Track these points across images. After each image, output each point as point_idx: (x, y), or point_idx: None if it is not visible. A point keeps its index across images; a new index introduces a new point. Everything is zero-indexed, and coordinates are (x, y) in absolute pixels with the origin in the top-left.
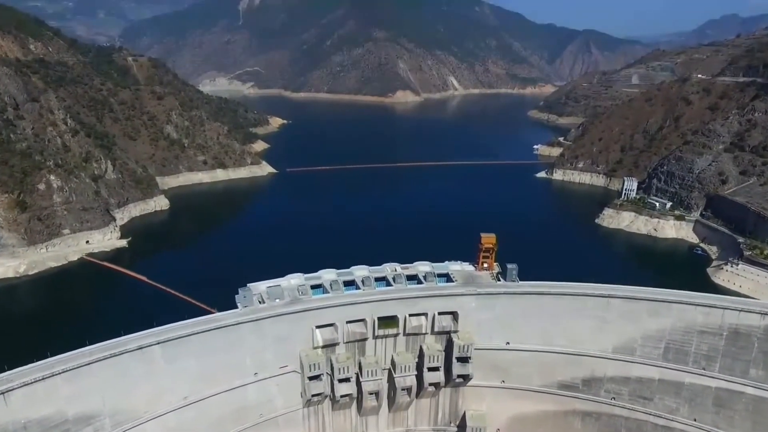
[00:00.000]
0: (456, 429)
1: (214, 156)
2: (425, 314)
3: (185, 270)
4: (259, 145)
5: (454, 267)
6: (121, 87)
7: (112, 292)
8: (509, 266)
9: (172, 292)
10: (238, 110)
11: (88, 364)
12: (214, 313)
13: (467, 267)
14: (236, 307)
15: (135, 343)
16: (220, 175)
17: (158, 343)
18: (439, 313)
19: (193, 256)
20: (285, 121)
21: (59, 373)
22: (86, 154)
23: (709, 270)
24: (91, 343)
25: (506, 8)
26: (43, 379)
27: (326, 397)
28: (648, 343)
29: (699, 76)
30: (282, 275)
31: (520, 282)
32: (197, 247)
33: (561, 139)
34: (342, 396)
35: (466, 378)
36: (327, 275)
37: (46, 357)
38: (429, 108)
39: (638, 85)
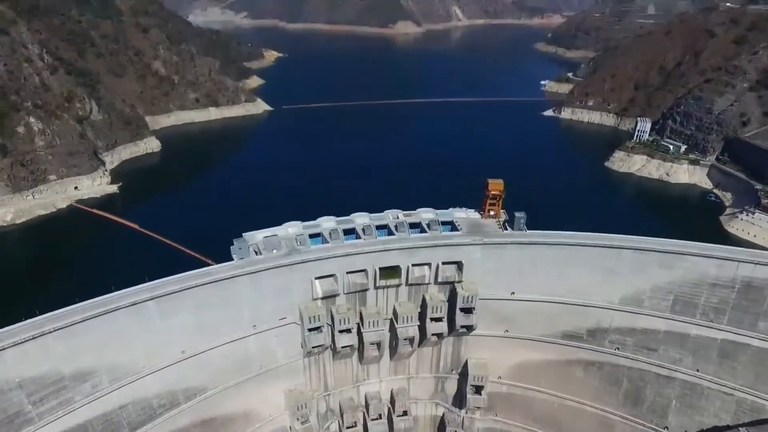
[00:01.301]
0: (458, 377)
1: (207, 93)
2: (428, 264)
3: (179, 216)
4: (254, 81)
5: (459, 214)
6: (101, 18)
7: (103, 241)
8: (517, 215)
9: (166, 241)
10: (231, 43)
11: (82, 321)
12: (209, 262)
13: (472, 214)
14: (231, 257)
15: (128, 299)
16: (213, 113)
17: (152, 299)
18: (443, 263)
19: (187, 201)
20: (280, 55)
21: (51, 332)
22: (68, 94)
23: (722, 218)
24: (82, 298)
25: None
26: (34, 338)
27: (327, 348)
28: (657, 294)
29: (728, 4)
30: (279, 221)
31: (528, 231)
32: (191, 191)
33: (570, 74)
34: (343, 347)
35: (469, 328)
36: (326, 223)
37: (36, 312)
38: (431, 40)
39: (654, 16)
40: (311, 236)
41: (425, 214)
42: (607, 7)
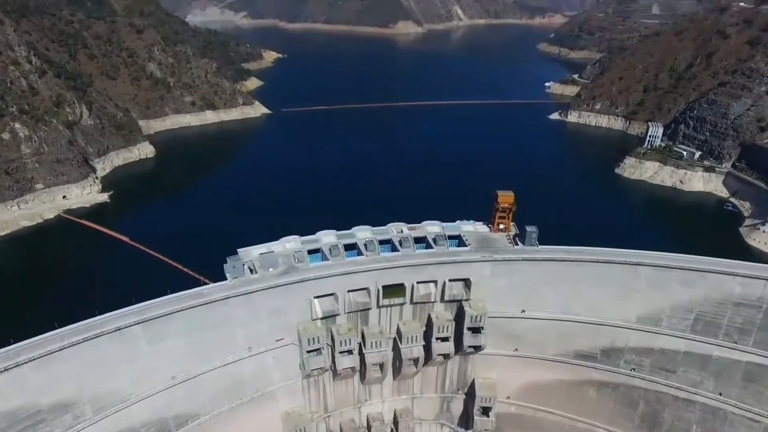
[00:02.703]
0: (464, 396)
1: (203, 96)
2: (434, 281)
3: (172, 228)
4: (252, 83)
5: (467, 228)
6: (95, 18)
7: (91, 255)
8: (528, 229)
9: (157, 255)
10: (229, 44)
11: (60, 349)
12: (202, 279)
13: (481, 228)
14: (225, 274)
15: (113, 324)
16: (209, 117)
17: (138, 323)
18: (450, 280)
19: (180, 211)
20: (280, 55)
21: (27, 362)
22: (57, 98)
23: (742, 229)
24: (66, 320)
25: None
26: (7, 369)
27: (327, 370)
28: (676, 313)
29: (741, 4)
30: (276, 233)
31: (540, 246)
32: (185, 200)
33: (575, 76)
34: (344, 369)
35: (477, 348)
36: (326, 238)
37: (11, 340)
38: (432, 40)
39: (659, 16)
40: (310, 252)
41: (431, 228)
42: (610, 7)
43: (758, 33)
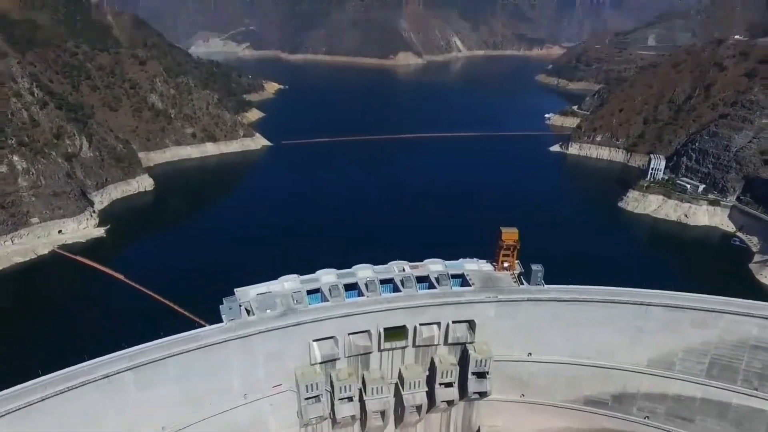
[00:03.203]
0: None
1: (204, 128)
2: (438, 323)
3: (169, 264)
4: (253, 114)
5: (470, 266)
6: (98, 50)
7: (84, 294)
8: (534, 268)
9: (153, 294)
10: (231, 75)
11: (41, 400)
12: (198, 321)
13: (485, 266)
14: (221, 316)
15: (101, 371)
16: (210, 149)
17: (129, 369)
18: (454, 322)
19: (178, 246)
20: (281, 86)
21: (3, 415)
22: (57, 130)
23: (752, 266)
24: (51, 365)
25: None
26: None
27: (325, 418)
28: (690, 357)
29: (736, 37)
30: (275, 268)
31: (546, 286)
32: (184, 235)
33: (575, 107)
34: (343, 417)
35: (483, 395)
36: (326, 277)
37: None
38: (432, 71)
39: (655, 48)
40: (309, 292)
41: (433, 266)
42: (607, 39)
43: (755, 65)
